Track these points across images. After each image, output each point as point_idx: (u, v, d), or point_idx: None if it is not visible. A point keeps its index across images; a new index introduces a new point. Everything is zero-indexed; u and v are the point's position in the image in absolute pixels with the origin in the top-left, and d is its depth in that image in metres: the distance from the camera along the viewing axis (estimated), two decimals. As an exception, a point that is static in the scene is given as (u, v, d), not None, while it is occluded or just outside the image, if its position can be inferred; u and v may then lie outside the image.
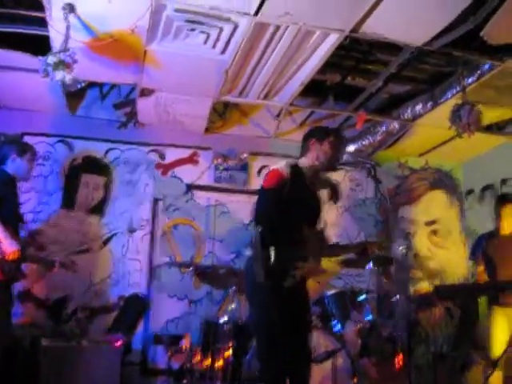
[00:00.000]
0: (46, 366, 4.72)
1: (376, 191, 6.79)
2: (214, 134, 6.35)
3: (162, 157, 6.22)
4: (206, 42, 4.53)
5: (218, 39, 4.47)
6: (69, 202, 5.89)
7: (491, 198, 6.30)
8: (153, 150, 6.21)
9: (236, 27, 4.28)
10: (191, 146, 6.31)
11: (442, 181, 7.03)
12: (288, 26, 4.27)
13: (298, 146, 6.39)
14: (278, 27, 4.32)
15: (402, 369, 4.22)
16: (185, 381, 5.14)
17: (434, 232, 6.79)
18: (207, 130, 6.23)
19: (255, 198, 6.16)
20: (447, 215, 6.91)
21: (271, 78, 5.14)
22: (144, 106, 5.65)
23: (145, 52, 4.62)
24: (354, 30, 4.27)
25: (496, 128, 6.21)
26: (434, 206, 6.90)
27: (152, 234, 6.02)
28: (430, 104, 5.67)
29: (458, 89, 5.21)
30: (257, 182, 6.33)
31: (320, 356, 4.00)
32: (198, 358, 4.95)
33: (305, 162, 3.65)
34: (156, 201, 6.11)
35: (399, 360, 4.28)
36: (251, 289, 3.44)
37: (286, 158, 6.33)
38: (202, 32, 4.38)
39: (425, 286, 6.33)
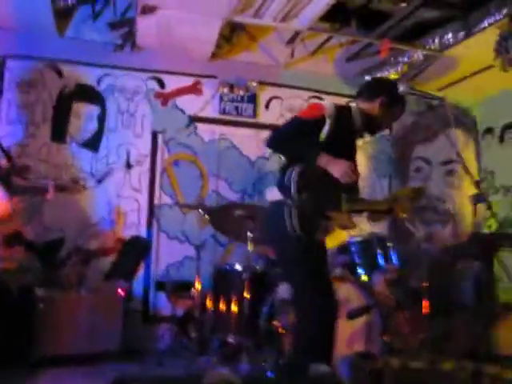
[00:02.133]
0: (41, 318, 4.28)
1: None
2: (219, 61, 5.72)
3: (162, 85, 5.60)
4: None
5: None
6: (59, 134, 5.28)
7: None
8: (152, 77, 5.57)
9: None
10: (194, 74, 5.68)
11: (459, 119, 6.57)
12: None
13: (310, 77, 6.02)
14: None
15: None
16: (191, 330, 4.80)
17: (450, 172, 6.39)
18: (212, 56, 5.58)
19: (264, 133, 5.85)
20: (464, 155, 6.48)
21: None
22: (144, 26, 4.97)
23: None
24: None
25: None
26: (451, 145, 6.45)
27: (151, 170, 5.48)
28: (462, 33, 5.10)
29: (498, 17, 4.68)
30: (265, 115, 5.83)
31: (353, 312, 3.62)
32: (208, 306, 4.56)
33: (361, 108, 3.29)
34: (155, 134, 5.54)
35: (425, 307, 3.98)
36: (281, 241, 3.02)
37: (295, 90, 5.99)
38: None
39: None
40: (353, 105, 3.33)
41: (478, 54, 5.39)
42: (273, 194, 3.21)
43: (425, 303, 4.01)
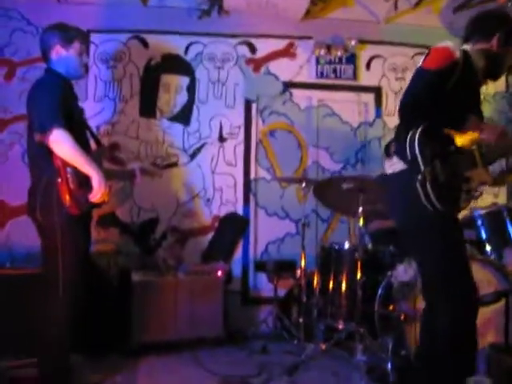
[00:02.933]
0: (139, 304, 4.06)
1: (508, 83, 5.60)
2: (313, 20, 5.22)
3: (253, 50, 5.18)
4: None
5: None
6: (148, 108, 5.01)
7: None
8: (241, 43, 5.17)
9: None
10: (287, 36, 5.22)
11: None
12: None
13: (414, 31, 5.40)
14: None
15: None
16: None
17: None
18: (306, 15, 5.09)
19: (366, 96, 5.32)
20: None
21: None
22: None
23: None
24: None
25: None
26: None
27: (246, 142, 5.12)
28: None
29: None
30: (366, 77, 5.31)
31: (485, 297, 3.10)
32: (314, 288, 4.18)
33: (478, 49, 2.78)
34: (248, 103, 5.15)
35: None
36: (413, 217, 2.56)
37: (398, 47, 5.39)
38: None
39: None
40: (467, 47, 2.77)
41: None
42: (393, 164, 2.73)
43: None
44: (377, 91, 5.30)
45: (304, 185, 4.28)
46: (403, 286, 3.46)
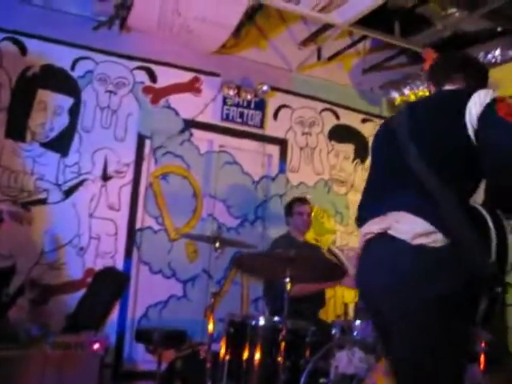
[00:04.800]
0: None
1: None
2: (223, 56, 4.65)
3: (154, 78, 4.45)
4: None
5: None
6: (17, 129, 4.00)
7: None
8: (141, 68, 4.41)
9: None
10: (194, 69, 4.58)
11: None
12: None
13: (326, 87, 5.08)
14: None
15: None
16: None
17: None
18: (216, 49, 4.51)
19: (271, 147, 4.83)
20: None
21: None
22: (146, -1, 3.85)
23: None
24: None
25: None
26: None
27: (134, 184, 4.31)
28: (512, 51, 4.39)
29: None
30: (273, 127, 4.85)
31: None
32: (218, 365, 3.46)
33: None
34: (141, 138, 4.37)
35: None
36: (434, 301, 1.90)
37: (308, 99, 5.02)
38: None
39: None
40: None
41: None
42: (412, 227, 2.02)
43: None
44: (282, 144, 4.85)
45: (218, 244, 3.57)
46: (345, 380, 2.91)
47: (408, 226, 1.82)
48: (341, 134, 5.11)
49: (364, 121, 5.21)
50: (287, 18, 4.68)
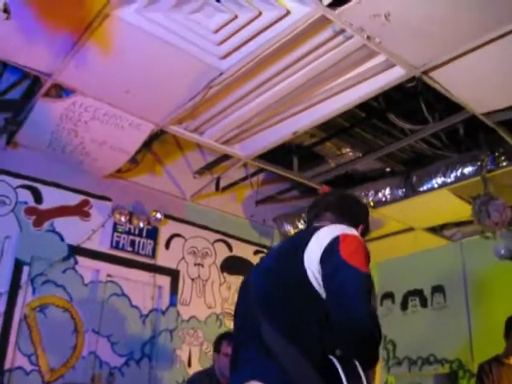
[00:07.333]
0: None
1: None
2: (115, 180, 4.42)
3: (38, 199, 4.07)
4: (217, 31, 2.90)
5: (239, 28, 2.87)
6: None
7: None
8: (25, 186, 4.03)
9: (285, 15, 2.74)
10: (83, 192, 4.27)
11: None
12: (352, 37, 2.87)
13: (219, 217, 4.97)
14: (338, 33, 2.88)
15: None
16: None
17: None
18: (108, 173, 4.28)
19: (161, 278, 4.51)
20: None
21: (257, 115, 3.61)
22: (42, 113, 3.57)
23: (103, 17, 2.78)
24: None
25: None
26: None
27: (6, 316, 3.73)
28: (401, 191, 4.62)
29: (445, 179, 4.30)
30: (165, 257, 4.59)
31: None
32: None
33: None
34: (19, 264, 3.88)
35: None
36: None
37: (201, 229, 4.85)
38: (224, 12, 2.76)
39: None
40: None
41: (407, 216, 4.94)
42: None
43: None
44: (174, 275, 4.56)
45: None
46: None
47: None
48: (233, 265, 4.96)
49: (256, 252, 5.12)
50: (184, 145, 4.60)
